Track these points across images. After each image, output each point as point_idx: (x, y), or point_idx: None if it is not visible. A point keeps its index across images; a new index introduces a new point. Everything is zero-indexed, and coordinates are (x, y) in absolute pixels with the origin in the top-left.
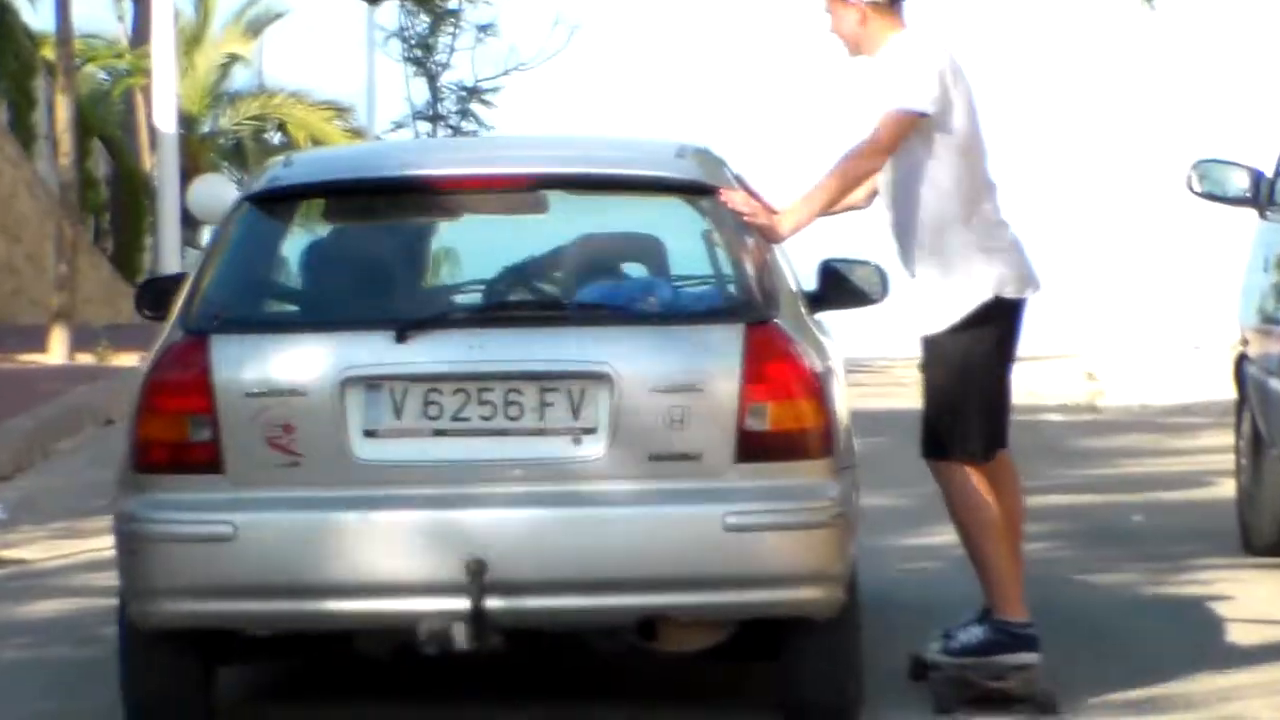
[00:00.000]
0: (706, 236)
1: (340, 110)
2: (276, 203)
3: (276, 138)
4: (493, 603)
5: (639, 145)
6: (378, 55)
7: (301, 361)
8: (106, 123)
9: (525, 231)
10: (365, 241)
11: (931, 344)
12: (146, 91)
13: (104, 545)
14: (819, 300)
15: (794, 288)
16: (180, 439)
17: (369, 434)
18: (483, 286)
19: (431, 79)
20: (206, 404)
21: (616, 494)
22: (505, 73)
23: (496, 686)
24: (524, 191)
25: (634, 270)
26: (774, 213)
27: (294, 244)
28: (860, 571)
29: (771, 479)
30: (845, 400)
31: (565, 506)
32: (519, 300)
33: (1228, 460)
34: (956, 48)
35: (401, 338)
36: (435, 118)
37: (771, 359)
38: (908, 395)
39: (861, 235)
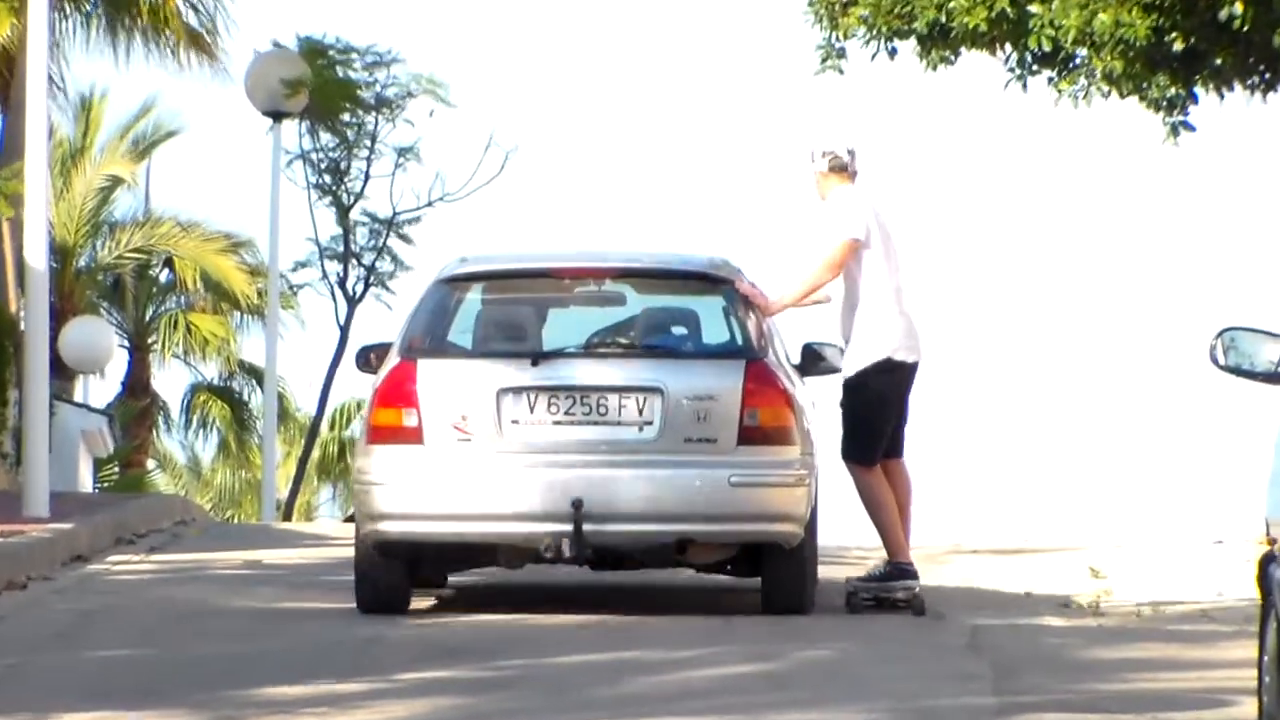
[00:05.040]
0: (724, 310)
1: (238, 243)
2: (455, 282)
3: (164, 274)
4: (587, 527)
5: (683, 255)
6: (283, 181)
7: (473, 377)
8: None
9: (611, 308)
10: (511, 306)
11: (847, 386)
12: (14, 219)
13: None
14: (801, 369)
15: (783, 350)
16: (397, 424)
17: (514, 422)
18: (587, 335)
19: (342, 209)
20: (414, 402)
21: (664, 462)
22: (429, 204)
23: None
24: (611, 280)
25: (678, 329)
26: (767, 299)
27: (466, 307)
28: None
29: (760, 456)
30: (808, 412)
31: (633, 469)
32: (608, 343)
33: (1249, 676)
34: (882, 198)
35: (535, 364)
36: (346, 255)
37: (761, 382)
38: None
39: (824, 325)
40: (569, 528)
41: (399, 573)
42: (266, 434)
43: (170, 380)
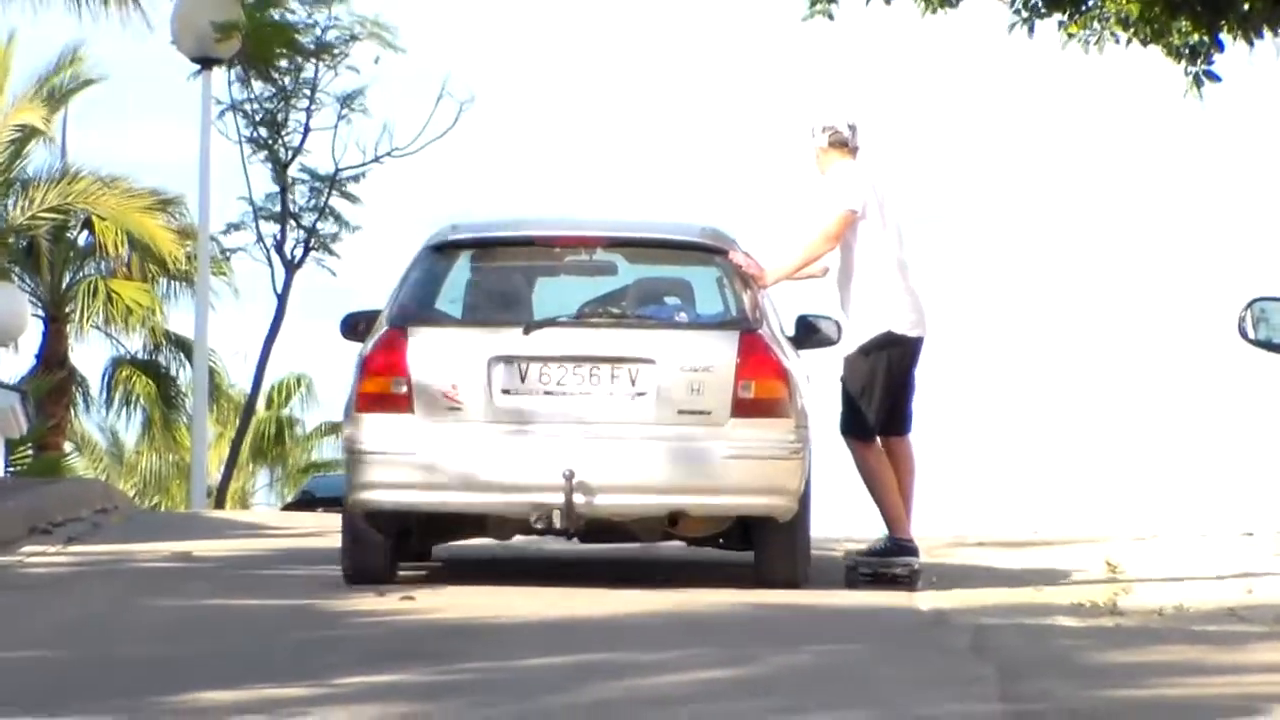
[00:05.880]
0: (718, 280)
1: (165, 200)
2: (445, 250)
3: (83, 236)
4: (578, 498)
5: (676, 224)
6: (213, 135)
7: (465, 346)
8: None
9: (602, 277)
10: (502, 274)
11: (847, 360)
12: None
13: None
14: (796, 342)
15: (777, 323)
16: (387, 392)
17: (505, 391)
18: (578, 304)
19: (279, 165)
20: (404, 370)
21: (658, 434)
22: (376, 159)
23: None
24: (603, 249)
25: (671, 299)
26: (762, 270)
27: (456, 275)
28: None
29: (754, 429)
30: (802, 386)
31: (625, 440)
32: (600, 312)
33: None
34: (882, 173)
35: (527, 332)
36: (284, 216)
37: (755, 354)
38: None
39: (822, 297)
40: (560, 499)
41: (386, 543)
42: (196, 413)
43: (90, 354)
